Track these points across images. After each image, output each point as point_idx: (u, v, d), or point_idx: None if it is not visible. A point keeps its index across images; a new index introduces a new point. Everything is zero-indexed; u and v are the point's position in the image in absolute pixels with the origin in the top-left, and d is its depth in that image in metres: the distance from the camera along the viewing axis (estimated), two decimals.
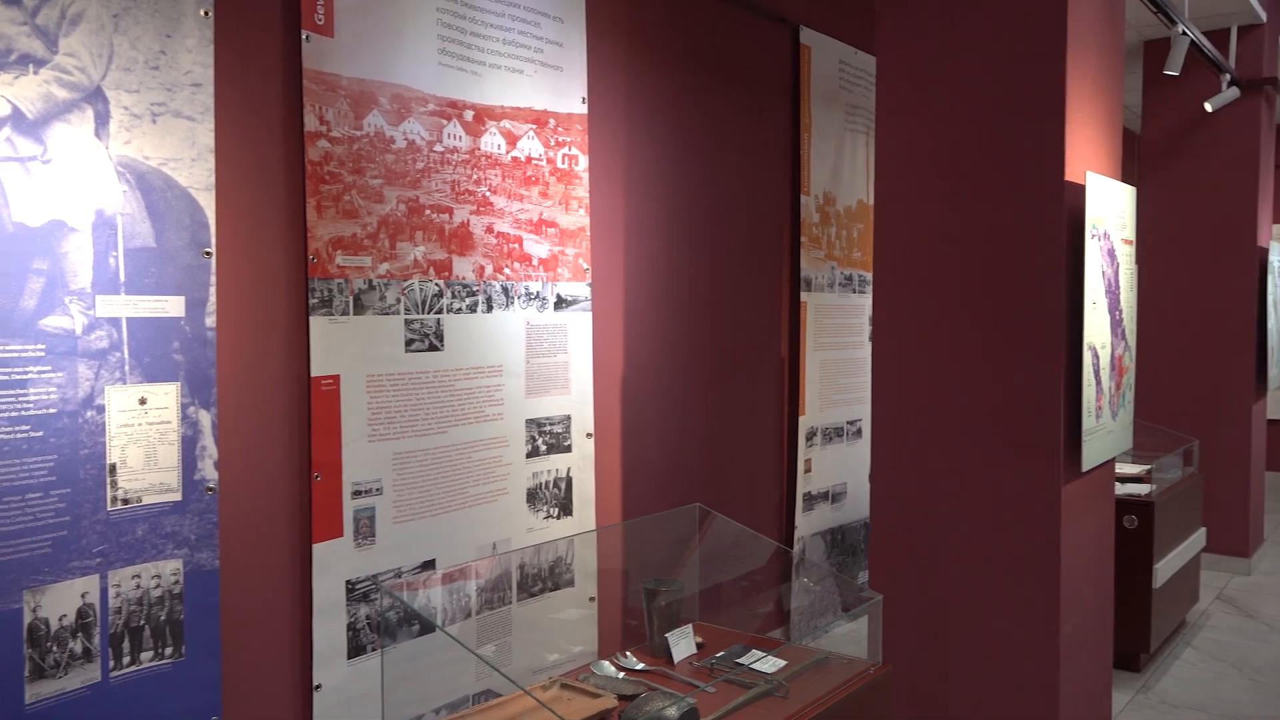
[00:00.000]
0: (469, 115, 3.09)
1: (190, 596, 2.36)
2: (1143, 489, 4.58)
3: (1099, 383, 3.16)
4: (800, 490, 4.76)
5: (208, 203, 2.39)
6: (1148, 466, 4.93)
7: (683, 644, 2.36)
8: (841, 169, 4.99)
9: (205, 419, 2.40)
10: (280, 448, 2.63)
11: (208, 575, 2.41)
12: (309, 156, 2.64)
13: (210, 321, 2.40)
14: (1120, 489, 4.59)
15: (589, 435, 3.54)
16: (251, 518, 2.57)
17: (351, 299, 2.77)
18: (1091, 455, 3.12)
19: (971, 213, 3.14)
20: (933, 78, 3.22)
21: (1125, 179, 3.57)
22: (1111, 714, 3.80)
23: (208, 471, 2.41)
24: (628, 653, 2.41)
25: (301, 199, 2.65)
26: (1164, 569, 4.42)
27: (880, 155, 3.35)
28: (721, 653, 2.40)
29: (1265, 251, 6.16)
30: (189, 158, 2.36)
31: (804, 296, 4.72)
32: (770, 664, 2.30)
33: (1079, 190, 3.05)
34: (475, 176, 3.12)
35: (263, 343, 2.59)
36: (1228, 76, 5.71)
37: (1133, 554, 4.37)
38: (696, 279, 4.14)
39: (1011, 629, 3.10)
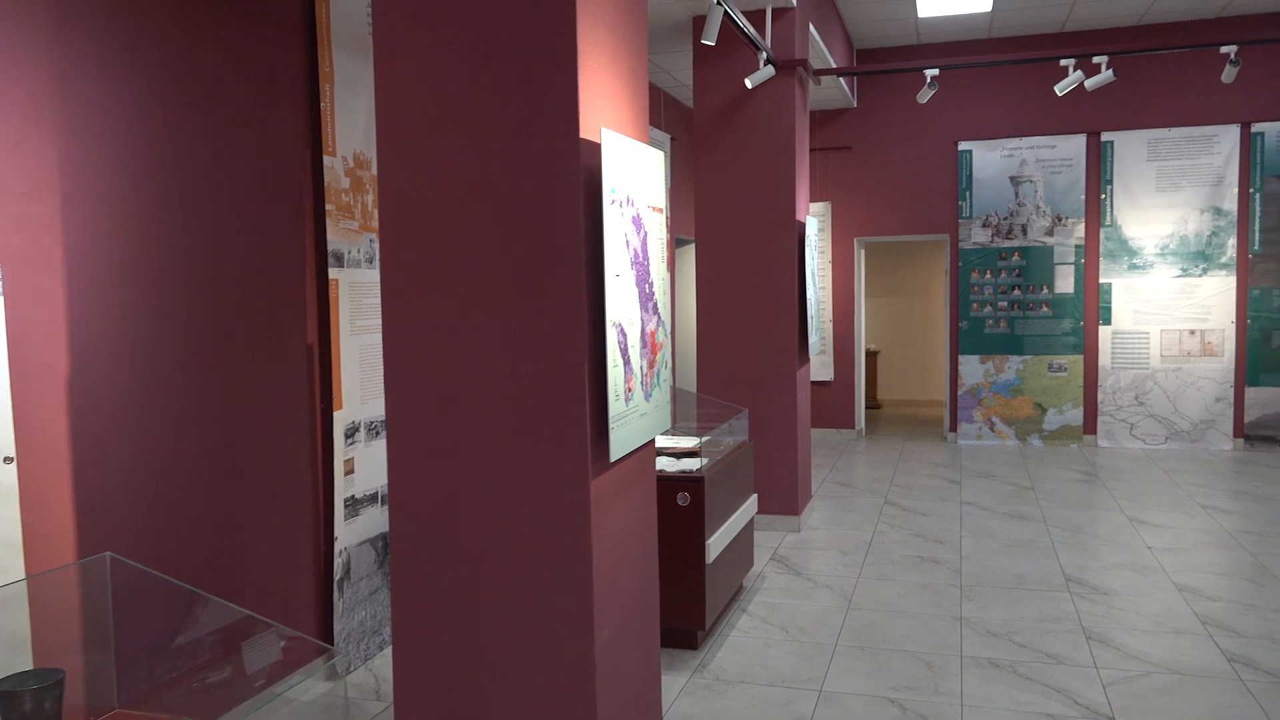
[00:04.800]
0: None
1: None
2: (695, 464, 4.53)
3: (628, 362, 2.90)
4: (341, 495, 4.16)
5: None
6: (704, 439, 4.94)
7: None
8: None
9: None
10: None
11: None
12: None
13: None
14: (675, 466, 4.51)
15: (8, 460, 2.68)
16: None
17: None
18: (622, 442, 2.85)
19: (480, 173, 2.72)
20: (434, 14, 2.74)
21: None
22: (662, 708, 3.65)
23: None
24: None
25: None
26: (716, 543, 4.40)
27: (379, 106, 2.83)
28: None
29: (803, 225, 6.52)
30: None
31: (334, 273, 4.10)
32: None
33: (596, 150, 2.74)
34: None
35: None
36: (764, 55, 5.91)
37: (685, 532, 4.29)
38: (184, 255, 3.37)
39: (543, 645, 2.76)
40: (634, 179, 2.95)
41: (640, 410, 3.01)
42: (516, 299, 2.70)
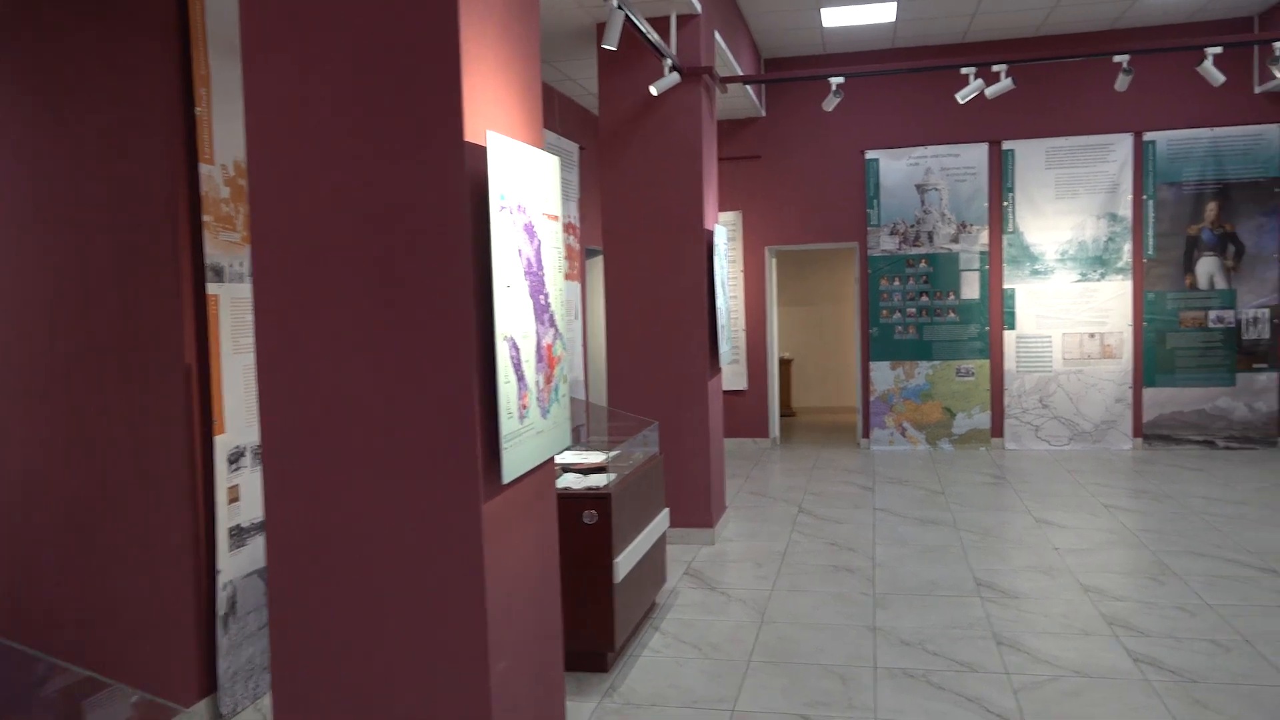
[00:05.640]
0: None
1: None
2: (602, 480, 4.40)
3: (522, 378, 2.75)
4: (225, 524, 3.90)
5: None
6: (612, 454, 4.81)
7: None
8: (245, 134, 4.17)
9: None
10: None
11: None
12: None
13: None
14: (581, 482, 4.37)
15: None
16: None
17: None
18: (516, 462, 2.70)
19: (358, 180, 2.55)
20: (306, 11, 2.57)
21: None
22: None
23: None
24: None
25: None
26: (625, 561, 4.27)
27: (248, 110, 2.64)
28: None
29: (711, 234, 6.45)
30: None
31: (213, 288, 3.85)
32: None
33: (482, 154, 2.59)
34: None
35: None
36: (669, 62, 5.82)
37: (592, 551, 4.15)
38: (40, 271, 3.11)
39: (435, 680, 2.59)
40: (526, 185, 2.81)
41: (537, 428, 2.86)
42: (399, 313, 2.54)
